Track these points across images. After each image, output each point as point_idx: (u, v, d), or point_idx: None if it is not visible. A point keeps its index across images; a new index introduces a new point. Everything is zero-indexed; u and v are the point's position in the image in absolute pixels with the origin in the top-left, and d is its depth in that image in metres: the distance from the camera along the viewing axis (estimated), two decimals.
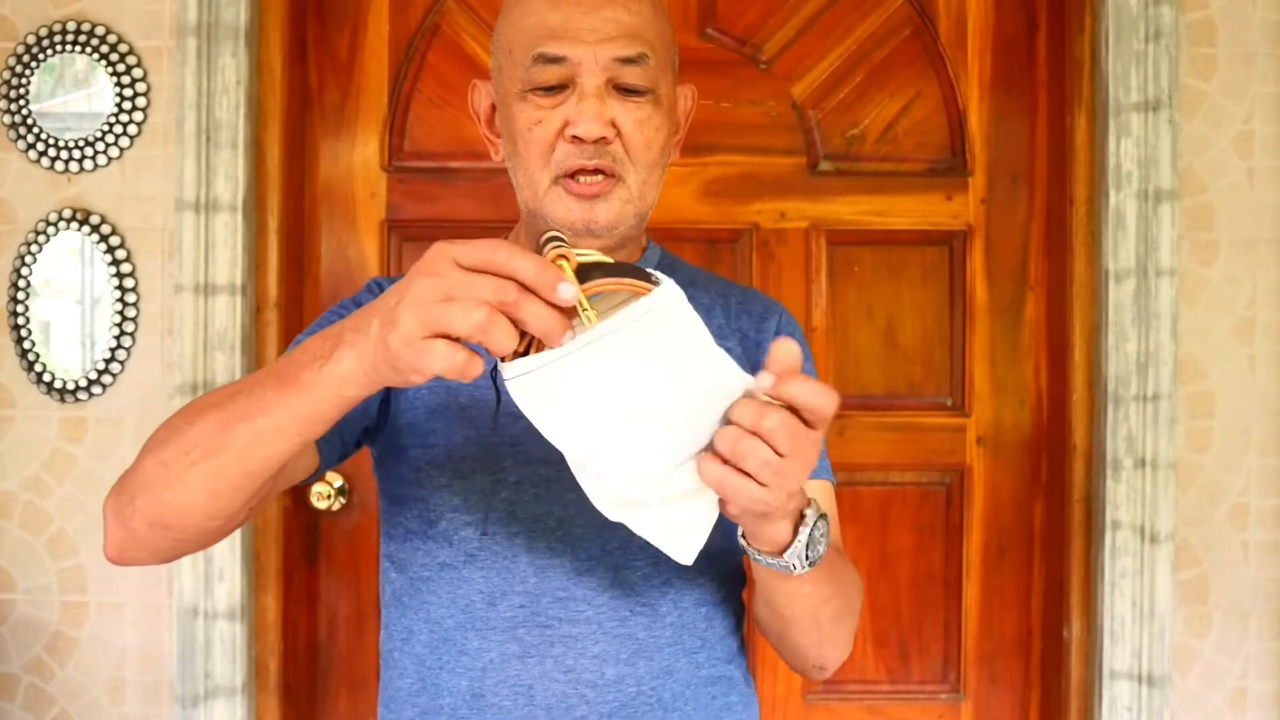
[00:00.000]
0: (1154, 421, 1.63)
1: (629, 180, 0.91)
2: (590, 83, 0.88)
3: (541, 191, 0.91)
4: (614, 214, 0.91)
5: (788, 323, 1.03)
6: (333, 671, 1.77)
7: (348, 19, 1.76)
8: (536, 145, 0.90)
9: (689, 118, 1.02)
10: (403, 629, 0.93)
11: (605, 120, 0.88)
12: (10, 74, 1.64)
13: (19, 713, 1.65)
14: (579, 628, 0.87)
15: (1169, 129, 1.64)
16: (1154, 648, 1.64)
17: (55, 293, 1.66)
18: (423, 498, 0.91)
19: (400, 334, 0.60)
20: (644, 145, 0.91)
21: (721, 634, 0.93)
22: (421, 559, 0.91)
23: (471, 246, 0.60)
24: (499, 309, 0.59)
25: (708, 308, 0.99)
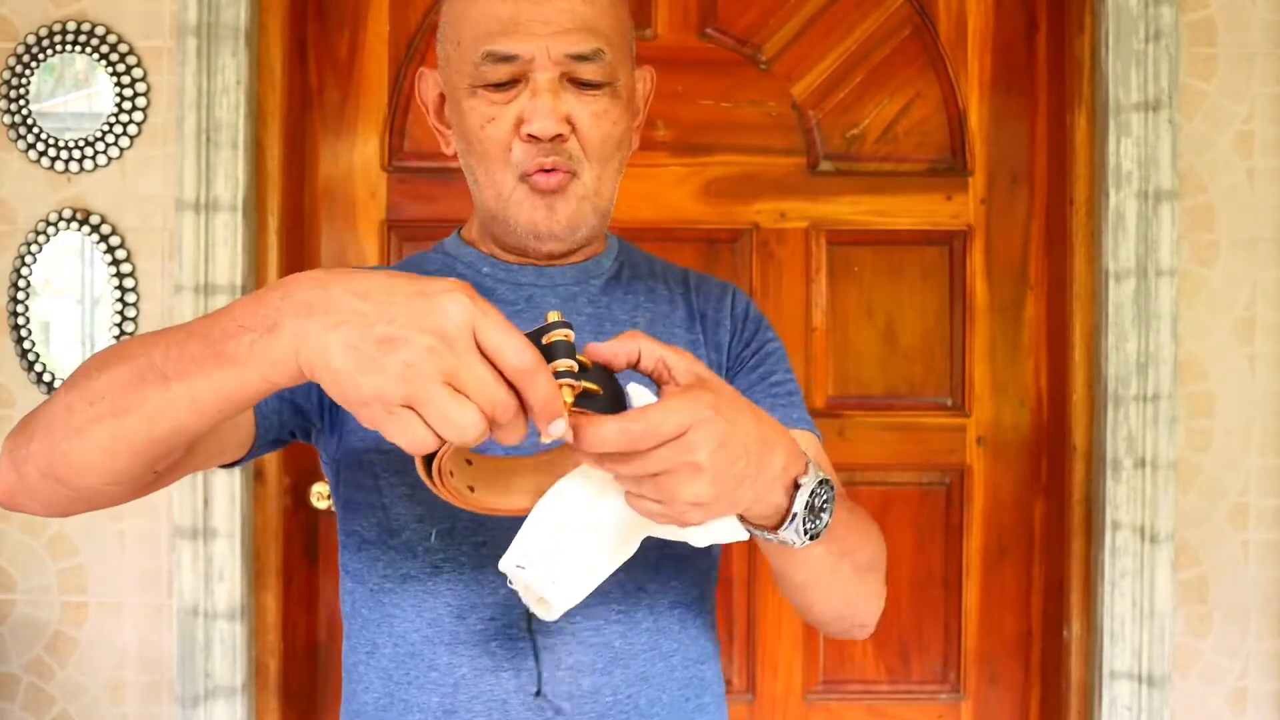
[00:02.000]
0: (1154, 421, 1.63)
1: (584, 176, 0.88)
2: (543, 78, 0.85)
3: (507, 192, 0.88)
4: (572, 212, 0.88)
5: (741, 299, 1.01)
6: (333, 671, 1.77)
7: (348, 19, 1.77)
8: (493, 144, 0.87)
9: (648, 101, 0.98)
10: (366, 642, 0.89)
11: (560, 117, 0.85)
12: (10, 74, 1.64)
13: (19, 713, 1.65)
14: (553, 639, 0.84)
15: (1169, 129, 1.64)
16: (1154, 648, 1.64)
17: (55, 293, 1.66)
18: (383, 506, 0.87)
19: (377, 385, 0.53)
20: (600, 140, 0.87)
21: (695, 635, 0.91)
22: (382, 570, 0.87)
23: (500, 331, 0.55)
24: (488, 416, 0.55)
25: (668, 299, 0.97)
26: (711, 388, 0.63)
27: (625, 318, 0.94)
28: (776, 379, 0.95)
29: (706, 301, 0.98)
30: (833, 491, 0.70)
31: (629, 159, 0.94)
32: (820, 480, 0.69)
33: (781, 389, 0.95)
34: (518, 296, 0.92)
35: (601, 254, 0.98)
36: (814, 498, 0.69)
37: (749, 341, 0.97)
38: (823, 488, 0.69)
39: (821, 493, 0.69)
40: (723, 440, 0.61)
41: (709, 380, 0.63)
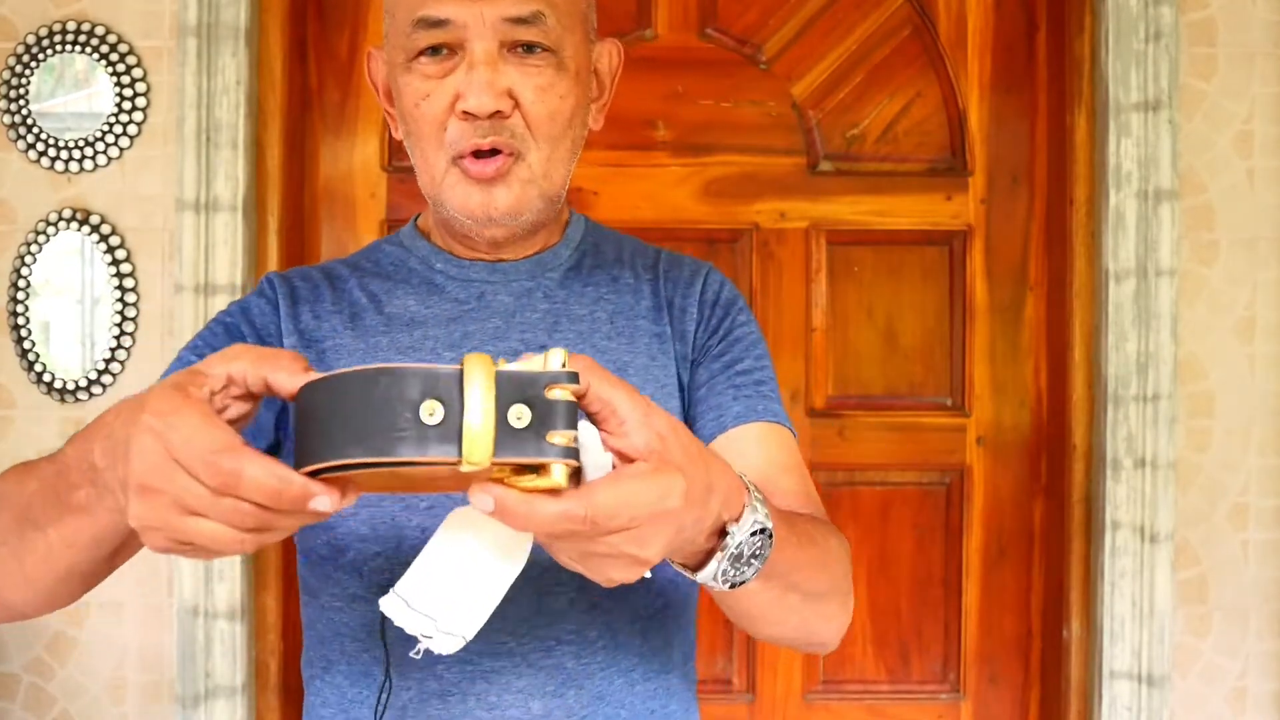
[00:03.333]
0: (1154, 421, 1.63)
1: (530, 158, 0.80)
2: (480, 48, 0.78)
3: (439, 175, 0.81)
4: (514, 198, 0.81)
5: (714, 282, 0.92)
6: None
7: (348, 19, 1.77)
8: (428, 123, 0.80)
9: (615, 78, 0.89)
10: (321, 657, 0.85)
11: (499, 91, 0.78)
12: (10, 74, 1.64)
13: (19, 712, 1.65)
14: (501, 661, 0.79)
15: (1169, 129, 1.64)
16: (1154, 648, 1.64)
17: (55, 293, 1.66)
18: (329, 524, 0.81)
19: (153, 539, 0.52)
20: (547, 117, 0.80)
21: (658, 646, 0.85)
22: (331, 588, 0.83)
23: (186, 447, 0.50)
24: (249, 530, 0.51)
25: (633, 289, 0.90)
26: (680, 457, 0.54)
27: (584, 312, 0.88)
28: (743, 366, 0.88)
29: (675, 288, 0.91)
30: (768, 540, 0.62)
31: (586, 139, 0.87)
32: (755, 530, 0.60)
33: (747, 377, 0.88)
34: (469, 294, 0.87)
35: (560, 243, 0.91)
36: (743, 548, 0.61)
37: (716, 328, 0.90)
38: (757, 537, 0.61)
39: (755, 542, 0.61)
40: (680, 528, 0.54)
41: (673, 442, 0.54)
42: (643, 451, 0.53)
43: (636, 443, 0.53)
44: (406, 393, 0.49)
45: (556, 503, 0.50)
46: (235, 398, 0.56)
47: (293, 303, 0.88)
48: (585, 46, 0.84)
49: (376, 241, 0.95)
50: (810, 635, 0.78)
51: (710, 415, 0.86)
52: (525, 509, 0.50)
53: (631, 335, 0.87)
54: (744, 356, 0.89)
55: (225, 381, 0.55)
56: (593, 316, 0.87)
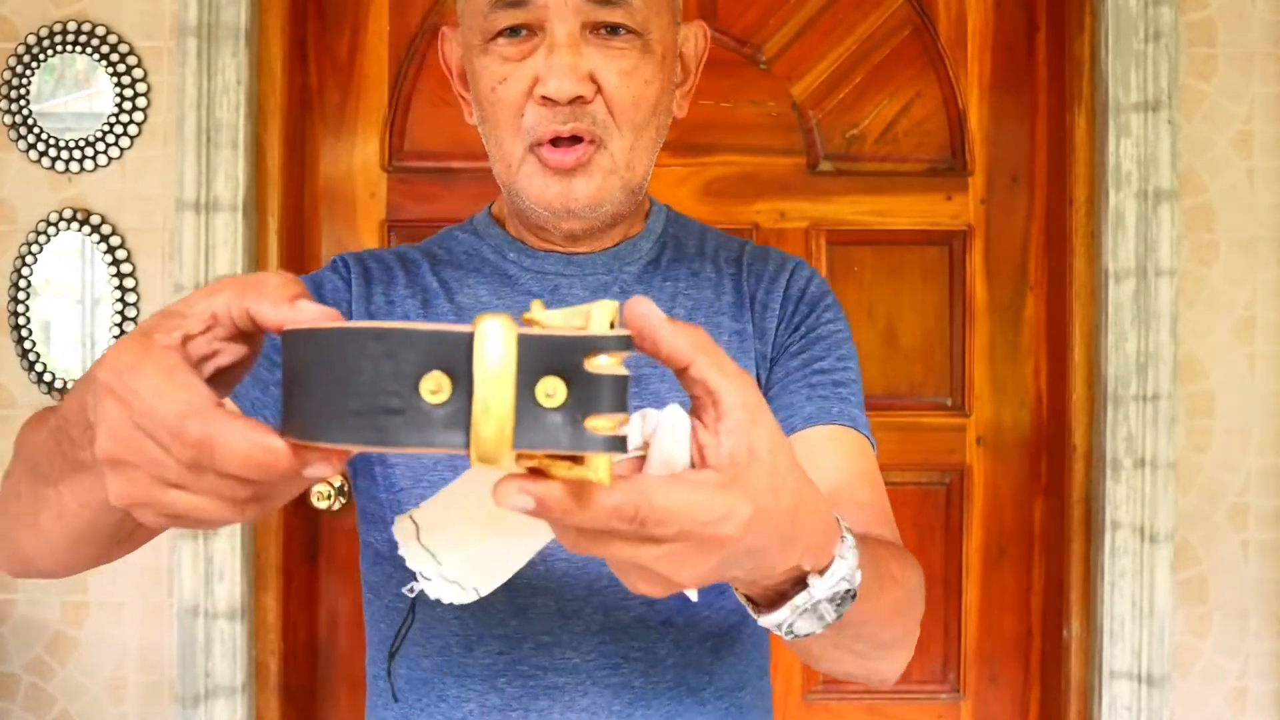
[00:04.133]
0: (1154, 421, 1.63)
1: (612, 146, 0.76)
2: (561, 29, 0.73)
3: (515, 164, 0.77)
4: (595, 190, 0.76)
5: (800, 277, 0.86)
6: (333, 671, 1.78)
7: (348, 19, 1.77)
8: (504, 109, 0.75)
9: (701, 61, 0.85)
10: (383, 657, 0.83)
11: (581, 75, 0.73)
12: (10, 74, 1.64)
13: (19, 712, 1.65)
14: (565, 677, 0.75)
15: (1169, 129, 1.64)
16: (1154, 648, 1.64)
17: (55, 293, 1.66)
18: (393, 522, 0.78)
19: (131, 511, 0.44)
20: (631, 102, 0.75)
21: (731, 663, 0.80)
22: (394, 588, 0.80)
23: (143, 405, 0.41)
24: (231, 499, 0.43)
25: (714, 283, 0.85)
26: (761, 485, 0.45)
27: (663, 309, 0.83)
28: (823, 365, 0.82)
29: (758, 282, 0.85)
30: (849, 601, 0.53)
31: (670, 127, 0.81)
32: (840, 591, 0.52)
33: (825, 377, 0.81)
34: (542, 287, 0.83)
35: (639, 235, 0.86)
36: (820, 604, 0.52)
37: (799, 325, 0.84)
38: (839, 599, 0.53)
39: (835, 601, 0.53)
40: (751, 547, 0.46)
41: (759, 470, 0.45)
42: (723, 460, 0.44)
43: (725, 447, 0.44)
44: (403, 363, 0.39)
45: (608, 495, 0.41)
46: (225, 339, 0.46)
47: (366, 282, 0.85)
48: (671, 28, 0.79)
49: (449, 228, 0.92)
50: (869, 674, 0.71)
51: (781, 415, 0.80)
52: (569, 505, 0.41)
53: (712, 333, 0.79)
54: (824, 355, 0.83)
55: (209, 320, 0.45)
56: (670, 312, 0.81)
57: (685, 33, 0.83)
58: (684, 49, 0.83)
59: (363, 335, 0.39)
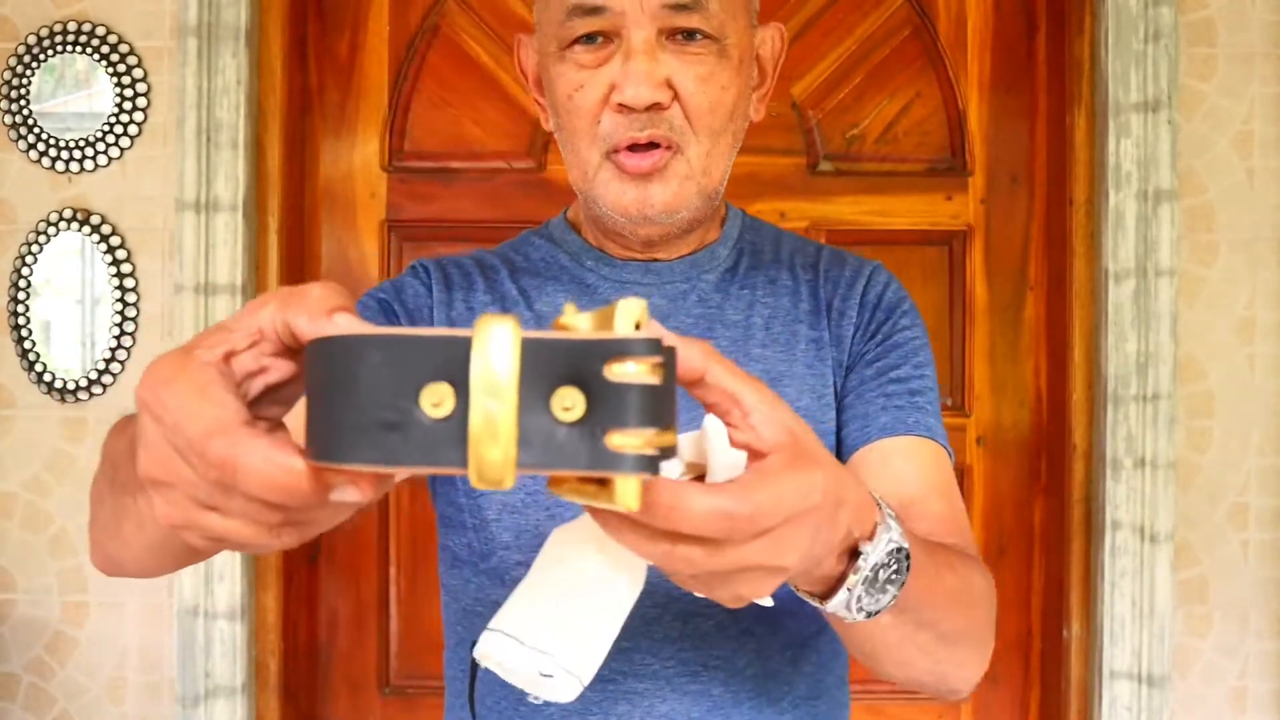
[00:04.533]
0: (1154, 421, 1.63)
1: (689, 152, 0.75)
2: (638, 36, 0.73)
3: (591, 171, 0.77)
4: (671, 195, 0.75)
5: (878, 282, 0.85)
6: (333, 671, 1.78)
7: (348, 19, 1.77)
8: (580, 116, 0.75)
9: (778, 64, 0.84)
10: (461, 659, 0.82)
11: (657, 81, 0.73)
12: (11, 74, 1.64)
13: (19, 712, 1.65)
14: (644, 683, 0.75)
15: (1169, 129, 1.64)
16: (1154, 648, 1.64)
17: (55, 293, 1.66)
18: (474, 526, 0.79)
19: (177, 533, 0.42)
20: (708, 108, 0.75)
21: (810, 673, 0.79)
22: (474, 592, 0.80)
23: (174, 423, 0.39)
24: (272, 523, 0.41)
25: (791, 290, 0.84)
26: (814, 452, 0.46)
27: (739, 318, 0.82)
28: (899, 374, 0.81)
29: (835, 288, 0.84)
30: (905, 562, 0.54)
31: (746, 131, 0.81)
32: (892, 549, 0.53)
33: (901, 385, 0.80)
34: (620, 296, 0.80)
35: (717, 242, 0.85)
36: (878, 570, 0.53)
37: (874, 332, 0.83)
38: (893, 558, 0.53)
39: (890, 564, 0.53)
40: (829, 512, 0.46)
41: (803, 437, 0.46)
42: (772, 444, 0.44)
43: (765, 435, 0.44)
44: (403, 373, 0.36)
45: (711, 497, 0.41)
46: (272, 354, 0.43)
47: (446, 288, 0.84)
48: (748, 32, 0.79)
49: (525, 233, 0.91)
50: (940, 681, 0.68)
51: (855, 424, 0.79)
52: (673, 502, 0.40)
53: (789, 342, 0.82)
54: (901, 363, 0.82)
55: (254, 335, 0.42)
56: (748, 322, 0.82)
57: (762, 35, 0.82)
58: (760, 51, 0.82)
59: (362, 344, 0.36)
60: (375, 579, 1.77)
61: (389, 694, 1.77)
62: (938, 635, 0.64)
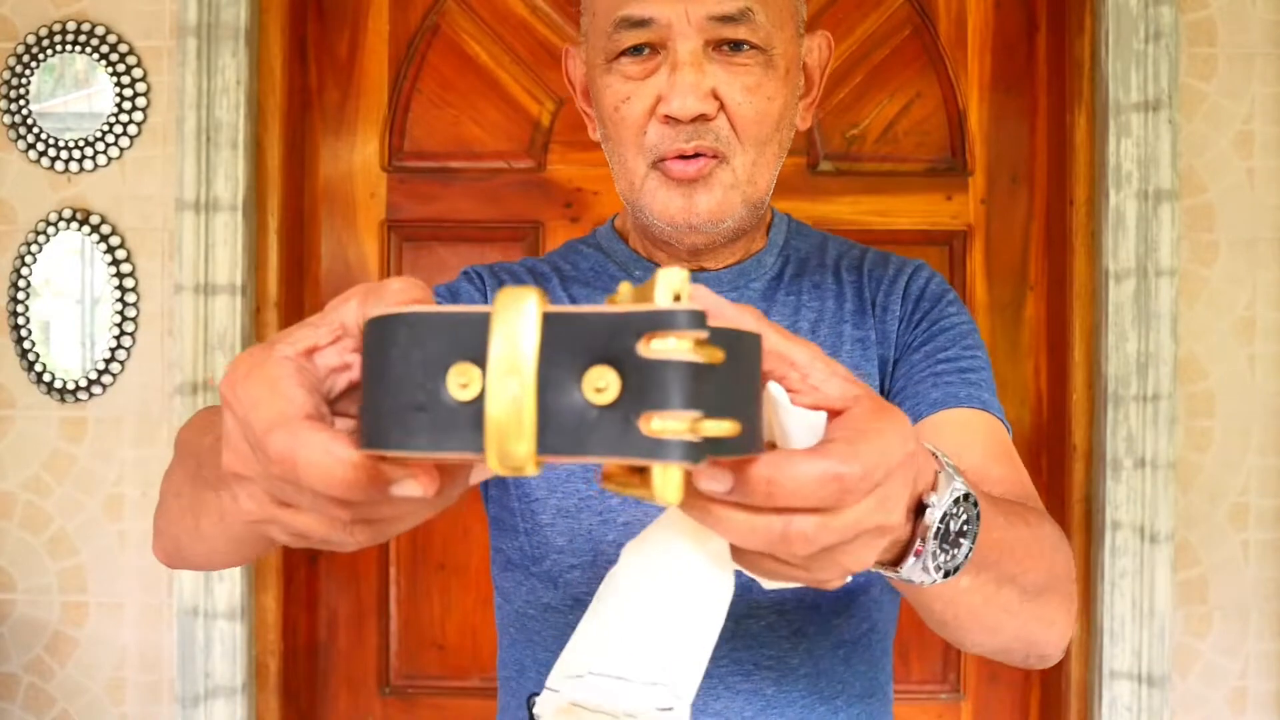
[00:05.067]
0: (1154, 421, 1.63)
1: (734, 162, 0.76)
2: (684, 48, 0.73)
3: (639, 181, 0.77)
4: (716, 204, 0.76)
5: (921, 277, 0.85)
6: (333, 671, 1.77)
7: (348, 19, 1.77)
8: (627, 127, 0.76)
9: (825, 72, 0.85)
10: (514, 660, 0.83)
11: (704, 93, 0.73)
12: (10, 74, 1.64)
13: (19, 713, 1.65)
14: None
15: (1169, 129, 1.64)
16: (1154, 648, 1.64)
17: (55, 293, 1.66)
18: (526, 530, 0.80)
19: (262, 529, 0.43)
20: (754, 119, 0.75)
21: (861, 671, 0.79)
22: (525, 595, 0.80)
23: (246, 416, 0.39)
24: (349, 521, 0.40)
25: (836, 292, 0.85)
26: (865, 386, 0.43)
27: (786, 323, 0.83)
28: (948, 354, 0.80)
29: (878, 286, 0.85)
30: (976, 510, 0.51)
31: (793, 140, 0.82)
32: (958, 496, 0.50)
33: (951, 364, 0.80)
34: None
35: (763, 250, 0.86)
36: (948, 521, 0.50)
37: (919, 320, 0.83)
38: (960, 506, 0.50)
39: (959, 513, 0.50)
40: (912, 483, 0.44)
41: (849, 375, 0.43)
42: (843, 398, 0.42)
43: (832, 392, 0.42)
44: (430, 353, 0.34)
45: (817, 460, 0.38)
46: (355, 350, 0.42)
47: None
48: (795, 41, 0.80)
49: (571, 242, 0.92)
50: (1030, 644, 0.66)
51: (906, 405, 0.78)
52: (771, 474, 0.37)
53: (834, 344, 0.83)
54: (949, 345, 0.81)
55: (338, 331, 0.41)
56: (794, 327, 0.83)
57: (809, 44, 0.83)
58: (807, 60, 0.83)
59: (394, 323, 0.35)
60: (375, 579, 1.77)
61: (389, 694, 1.77)
62: (1021, 591, 0.61)
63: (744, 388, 0.36)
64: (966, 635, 0.64)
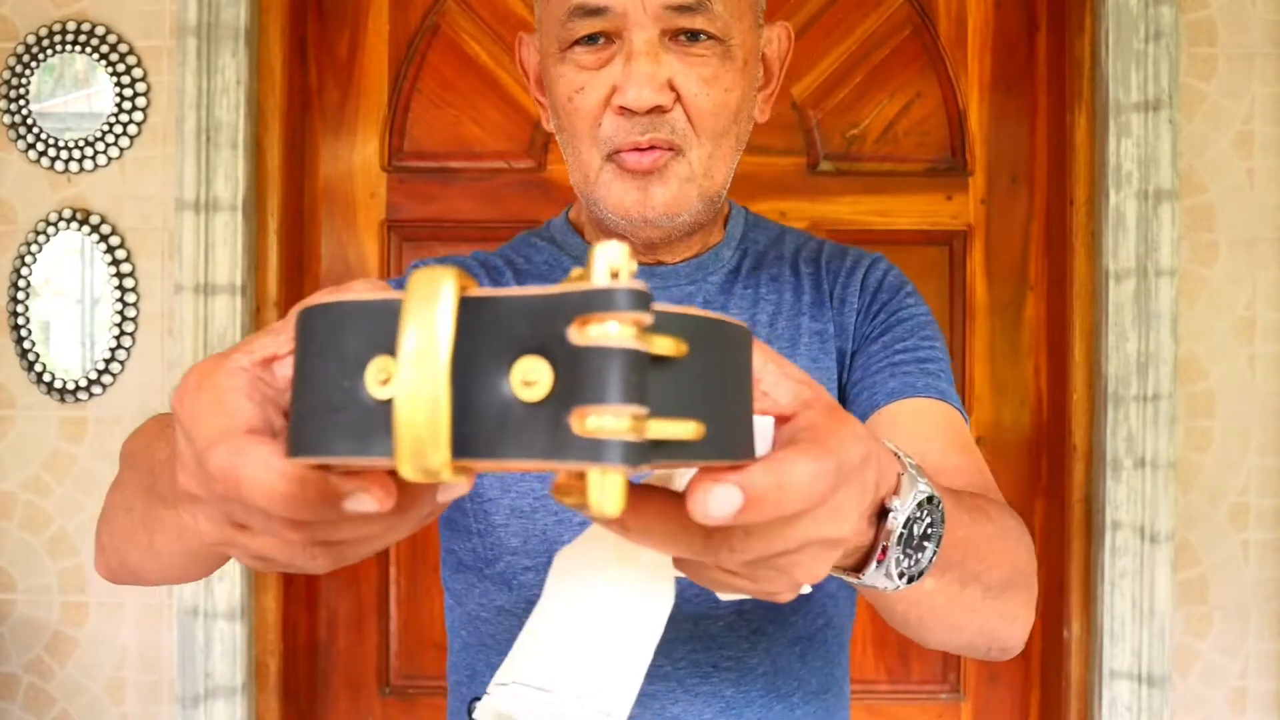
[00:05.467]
0: (1154, 421, 1.63)
1: (690, 154, 0.74)
2: (640, 38, 0.71)
3: (593, 174, 0.75)
4: (672, 197, 0.74)
5: (878, 270, 0.84)
6: (333, 671, 1.77)
7: (348, 19, 1.76)
8: (581, 118, 0.74)
9: (784, 64, 0.82)
10: (466, 664, 0.81)
11: (659, 84, 0.71)
12: (10, 74, 1.64)
13: (19, 713, 1.65)
14: (655, 684, 0.74)
15: (1169, 129, 1.64)
16: (1154, 648, 1.64)
17: (55, 293, 1.66)
18: (479, 531, 0.78)
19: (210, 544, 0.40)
20: (711, 111, 0.73)
21: (818, 667, 0.79)
22: (478, 598, 0.79)
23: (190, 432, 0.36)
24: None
25: (794, 285, 0.84)
26: (836, 407, 0.40)
27: (744, 317, 0.81)
28: (905, 345, 0.79)
29: (836, 278, 0.84)
30: (940, 512, 0.49)
31: (751, 133, 0.80)
32: (922, 499, 0.47)
33: (908, 355, 0.78)
34: None
35: (721, 244, 0.85)
36: (911, 525, 0.47)
37: (877, 312, 0.82)
38: (924, 509, 0.48)
39: (923, 517, 0.48)
40: (863, 491, 0.41)
41: (821, 392, 0.40)
42: (794, 404, 0.39)
43: (782, 398, 0.39)
44: (348, 346, 0.30)
45: (808, 461, 0.35)
46: None
47: None
48: (754, 31, 0.77)
49: (525, 234, 0.90)
50: (991, 639, 0.65)
51: (863, 396, 0.78)
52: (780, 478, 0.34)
53: (793, 336, 0.82)
54: (907, 336, 0.80)
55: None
56: (752, 320, 0.82)
57: (768, 35, 0.81)
58: (766, 51, 0.81)
59: (314, 315, 0.32)
60: (375, 579, 1.77)
61: (389, 694, 1.77)
62: (985, 588, 0.59)
63: (717, 385, 0.32)
64: (930, 634, 0.63)
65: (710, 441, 0.31)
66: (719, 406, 0.32)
